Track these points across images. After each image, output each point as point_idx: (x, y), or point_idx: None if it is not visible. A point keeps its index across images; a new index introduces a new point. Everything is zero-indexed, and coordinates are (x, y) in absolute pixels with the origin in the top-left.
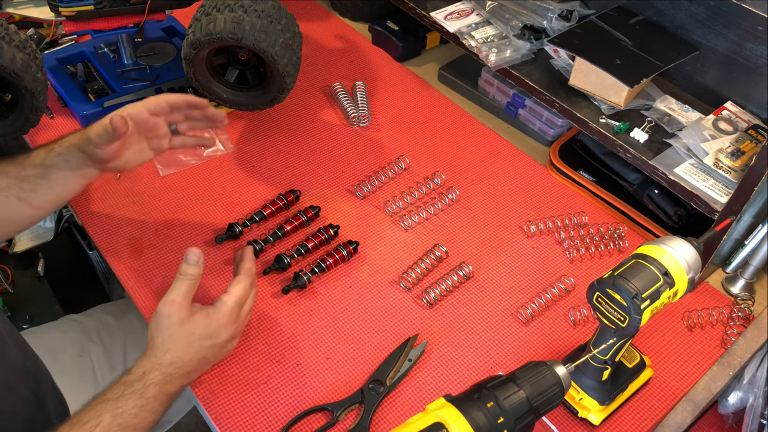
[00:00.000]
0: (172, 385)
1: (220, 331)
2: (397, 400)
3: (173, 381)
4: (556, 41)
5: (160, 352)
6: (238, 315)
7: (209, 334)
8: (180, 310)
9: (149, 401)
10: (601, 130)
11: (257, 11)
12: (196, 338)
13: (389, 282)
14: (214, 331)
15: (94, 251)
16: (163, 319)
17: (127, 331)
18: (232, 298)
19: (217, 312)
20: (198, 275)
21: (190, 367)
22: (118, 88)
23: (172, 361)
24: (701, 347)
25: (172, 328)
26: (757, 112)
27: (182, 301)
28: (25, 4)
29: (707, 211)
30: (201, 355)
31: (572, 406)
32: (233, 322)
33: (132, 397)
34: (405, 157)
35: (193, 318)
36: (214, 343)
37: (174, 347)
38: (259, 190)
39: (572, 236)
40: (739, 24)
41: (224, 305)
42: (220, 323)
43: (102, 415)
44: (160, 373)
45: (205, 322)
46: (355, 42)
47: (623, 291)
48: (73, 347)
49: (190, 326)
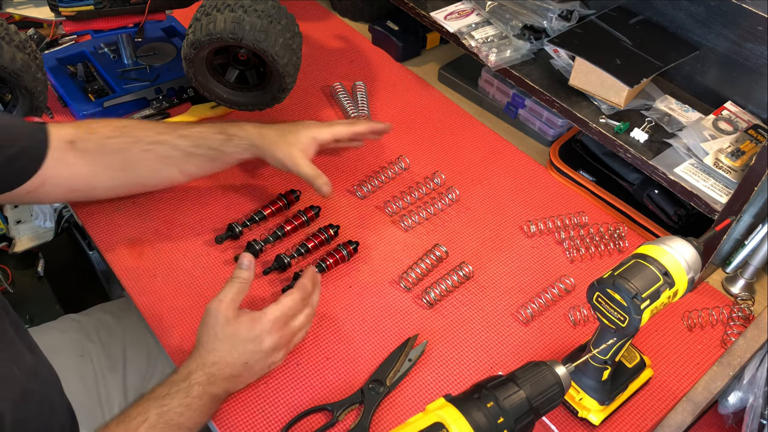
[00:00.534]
0: (215, 387)
1: (264, 337)
2: (397, 400)
3: (216, 383)
4: (556, 41)
5: (204, 351)
6: (285, 325)
7: (252, 338)
8: (227, 311)
9: (194, 401)
10: (601, 130)
11: (257, 11)
12: (240, 341)
13: (389, 282)
14: (257, 336)
15: (94, 251)
16: (210, 318)
17: (127, 330)
18: (279, 307)
19: (262, 317)
20: (248, 279)
21: (234, 370)
22: (118, 88)
23: (216, 361)
24: (701, 347)
25: (217, 327)
26: (757, 112)
27: (230, 302)
28: (25, 4)
29: (707, 211)
30: (244, 360)
31: (572, 406)
32: (278, 330)
33: (177, 396)
34: (405, 157)
35: (239, 320)
36: (257, 348)
37: (218, 347)
38: (259, 190)
39: (572, 236)
40: (739, 24)
41: (271, 312)
42: (264, 328)
43: (148, 412)
44: (204, 373)
45: (250, 326)
46: (355, 42)
47: (623, 291)
48: (73, 347)
49: (235, 327)
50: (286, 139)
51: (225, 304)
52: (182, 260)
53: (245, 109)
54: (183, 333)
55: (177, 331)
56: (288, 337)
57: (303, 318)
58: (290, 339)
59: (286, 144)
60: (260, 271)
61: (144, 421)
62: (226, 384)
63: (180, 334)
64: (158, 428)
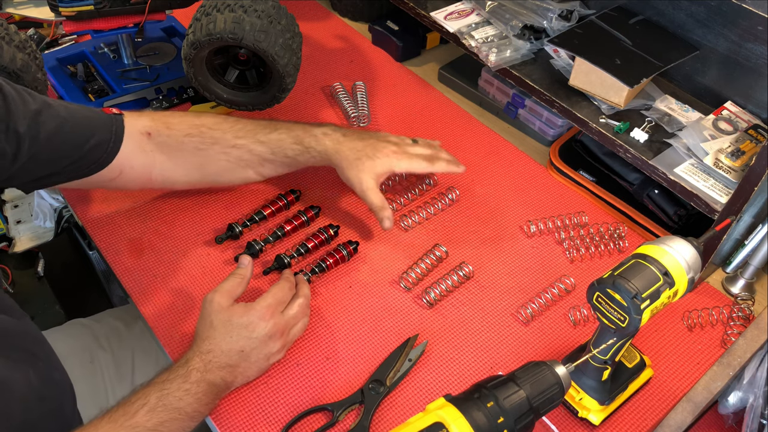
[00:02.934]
0: (212, 374)
1: (258, 324)
2: (397, 400)
3: (213, 370)
4: (556, 41)
5: (200, 339)
6: (277, 311)
7: (246, 324)
8: (221, 299)
9: (192, 386)
10: (601, 130)
11: (257, 11)
12: (233, 327)
13: (389, 282)
14: (251, 322)
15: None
16: (205, 308)
17: (136, 338)
18: (269, 294)
19: (255, 304)
20: (245, 275)
21: (230, 359)
22: (118, 88)
23: (211, 348)
24: (701, 347)
25: (212, 315)
26: (757, 112)
27: (224, 292)
28: (25, 4)
29: (707, 211)
30: (239, 347)
31: (572, 406)
32: (271, 316)
33: (176, 381)
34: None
35: (232, 307)
36: (251, 335)
37: (213, 334)
38: (259, 190)
39: (572, 236)
40: (739, 24)
41: (262, 299)
42: (256, 315)
43: (149, 396)
44: (200, 360)
45: (243, 312)
46: (355, 42)
47: (623, 291)
48: (83, 353)
49: (228, 314)
50: (362, 164)
51: (219, 293)
52: (182, 260)
53: (245, 109)
54: (183, 332)
55: (177, 330)
56: (282, 326)
57: (296, 308)
58: (285, 329)
59: (359, 169)
60: (260, 271)
61: (144, 404)
62: (222, 372)
63: (180, 333)
64: (158, 411)
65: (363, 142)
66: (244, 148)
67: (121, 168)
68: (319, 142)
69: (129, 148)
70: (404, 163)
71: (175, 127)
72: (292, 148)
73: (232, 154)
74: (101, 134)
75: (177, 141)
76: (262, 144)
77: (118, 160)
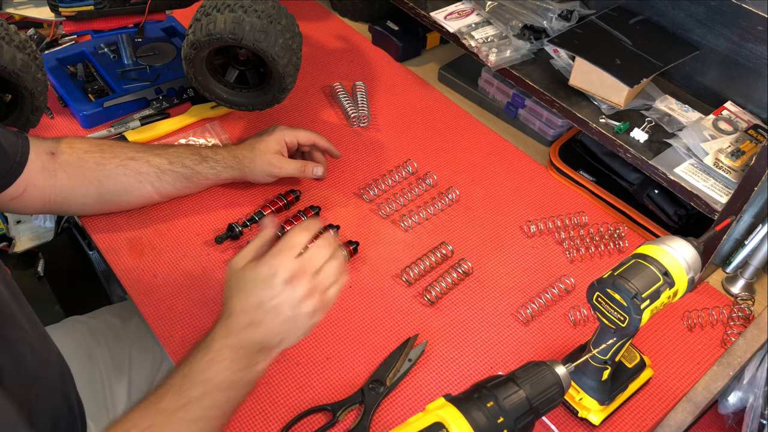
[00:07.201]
0: (235, 338)
1: (275, 268)
2: (397, 400)
3: (234, 333)
4: (556, 41)
5: (223, 309)
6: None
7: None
8: (237, 261)
9: (216, 354)
10: (601, 130)
11: (257, 11)
12: (247, 281)
13: (389, 282)
14: (263, 271)
15: (94, 251)
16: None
17: (133, 334)
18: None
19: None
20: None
21: (249, 316)
22: (118, 88)
23: (230, 312)
24: (701, 347)
25: (231, 280)
26: (757, 112)
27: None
28: (25, 4)
29: (707, 211)
30: (257, 300)
31: (572, 406)
32: (288, 258)
33: (198, 354)
34: (413, 160)
35: (248, 264)
36: (270, 283)
37: (231, 296)
38: (259, 190)
39: (572, 236)
40: (739, 24)
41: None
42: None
43: (173, 379)
44: (220, 326)
45: (256, 263)
46: (355, 42)
47: (623, 291)
48: (80, 349)
49: (243, 271)
50: (258, 149)
51: (237, 257)
52: (182, 260)
53: (245, 109)
54: (183, 332)
55: (177, 330)
56: (307, 270)
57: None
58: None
59: (260, 154)
60: None
61: (170, 387)
62: (247, 332)
63: (180, 333)
64: (184, 390)
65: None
66: (142, 160)
67: (26, 185)
68: (216, 151)
69: (34, 167)
70: (289, 132)
71: (77, 146)
72: (190, 157)
73: (129, 166)
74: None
75: (78, 158)
76: (160, 155)
77: (23, 176)
